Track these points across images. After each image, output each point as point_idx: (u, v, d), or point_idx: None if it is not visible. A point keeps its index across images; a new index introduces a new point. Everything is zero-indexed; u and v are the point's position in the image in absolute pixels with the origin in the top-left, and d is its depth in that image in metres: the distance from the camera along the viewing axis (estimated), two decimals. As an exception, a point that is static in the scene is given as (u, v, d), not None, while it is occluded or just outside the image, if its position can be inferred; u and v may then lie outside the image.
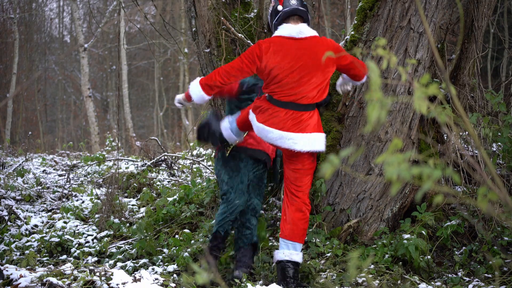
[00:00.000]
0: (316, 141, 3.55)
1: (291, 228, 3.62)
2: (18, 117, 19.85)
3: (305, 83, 3.51)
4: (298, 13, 3.63)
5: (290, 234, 3.62)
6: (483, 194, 1.36)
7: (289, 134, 3.51)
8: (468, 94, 4.61)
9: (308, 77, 3.52)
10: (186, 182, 6.34)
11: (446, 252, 4.04)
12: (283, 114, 3.54)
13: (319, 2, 5.65)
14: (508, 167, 4.29)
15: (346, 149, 4.03)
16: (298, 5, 3.65)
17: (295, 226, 3.62)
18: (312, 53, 3.52)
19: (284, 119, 3.53)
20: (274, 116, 3.55)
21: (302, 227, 3.64)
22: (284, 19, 3.63)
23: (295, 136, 3.51)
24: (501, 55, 11.96)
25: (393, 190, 1.32)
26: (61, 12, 24.30)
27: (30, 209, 5.96)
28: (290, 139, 3.50)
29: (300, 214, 3.63)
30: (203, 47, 4.80)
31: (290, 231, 3.62)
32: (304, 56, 3.52)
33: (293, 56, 3.52)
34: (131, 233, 4.90)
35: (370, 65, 1.36)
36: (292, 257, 3.58)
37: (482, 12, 4.53)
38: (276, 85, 3.55)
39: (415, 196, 4.22)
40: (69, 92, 25.46)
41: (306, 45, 3.54)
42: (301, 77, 3.52)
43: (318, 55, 3.51)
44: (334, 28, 16.13)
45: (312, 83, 3.52)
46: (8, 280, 3.15)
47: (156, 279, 3.33)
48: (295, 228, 3.62)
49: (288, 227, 3.62)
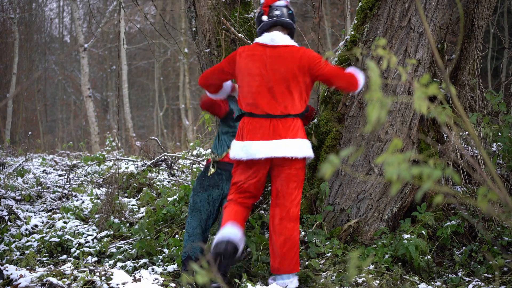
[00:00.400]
0: (286, 147, 3.41)
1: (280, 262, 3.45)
2: (18, 117, 19.86)
3: (267, 91, 3.44)
4: (280, 24, 3.60)
5: (283, 268, 3.46)
6: (483, 194, 1.36)
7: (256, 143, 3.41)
8: (468, 94, 4.61)
9: (270, 85, 3.44)
10: (186, 182, 6.34)
11: (446, 252, 4.04)
12: (251, 124, 3.47)
13: (319, 2, 5.65)
14: (508, 167, 4.29)
15: (346, 149, 4.03)
16: (282, 15, 3.60)
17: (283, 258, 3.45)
18: (279, 61, 3.45)
19: (251, 129, 3.46)
20: (245, 129, 3.50)
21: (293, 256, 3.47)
22: (266, 29, 3.61)
23: (265, 143, 3.41)
24: (501, 55, 11.96)
25: (393, 190, 1.32)
26: (61, 12, 24.31)
27: (30, 209, 5.96)
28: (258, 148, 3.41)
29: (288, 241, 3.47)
30: (203, 47, 4.80)
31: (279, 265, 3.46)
32: (271, 64, 3.45)
33: (260, 62, 3.47)
34: (131, 233, 4.90)
35: (370, 65, 1.36)
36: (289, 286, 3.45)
37: (482, 12, 4.52)
38: (240, 91, 3.56)
39: (415, 196, 4.22)
40: (69, 92, 25.46)
41: (276, 53, 3.48)
42: (261, 84, 3.45)
43: (288, 65, 3.44)
44: (334, 28, 16.12)
45: (277, 92, 3.44)
46: (8, 280, 3.15)
47: (156, 279, 3.33)
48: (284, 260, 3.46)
49: (278, 260, 3.46)
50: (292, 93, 3.47)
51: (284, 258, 3.44)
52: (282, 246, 3.44)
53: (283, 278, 3.44)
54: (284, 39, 3.55)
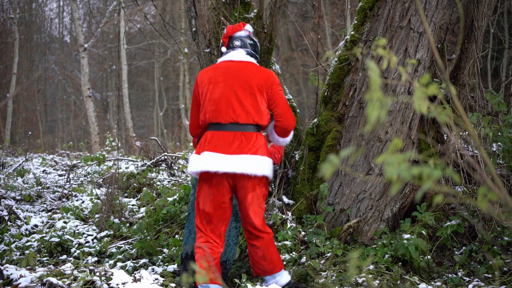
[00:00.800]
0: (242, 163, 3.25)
1: (267, 264, 3.47)
2: (18, 117, 19.86)
3: (231, 96, 3.36)
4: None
5: (270, 269, 3.48)
6: (483, 194, 1.36)
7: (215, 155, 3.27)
8: (468, 94, 4.61)
9: (234, 89, 3.36)
10: (186, 182, 6.34)
11: (446, 252, 4.04)
12: (211, 136, 3.36)
13: (319, 2, 5.65)
14: (508, 167, 4.29)
15: (346, 149, 4.03)
16: (244, 46, 3.56)
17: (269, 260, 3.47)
18: (244, 71, 3.40)
19: (212, 141, 3.34)
20: (206, 141, 3.37)
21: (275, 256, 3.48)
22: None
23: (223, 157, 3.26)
24: (501, 55, 11.96)
25: (393, 190, 1.32)
26: (61, 12, 24.30)
27: (30, 209, 5.96)
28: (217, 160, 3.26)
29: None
30: (203, 47, 4.80)
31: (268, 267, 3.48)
32: (235, 71, 3.41)
33: (223, 70, 3.42)
34: (131, 233, 4.90)
35: (370, 64, 1.36)
36: (280, 282, 3.48)
37: (482, 12, 4.52)
38: (203, 102, 3.44)
39: (415, 196, 4.22)
40: (69, 92, 25.46)
41: (240, 65, 3.44)
42: (225, 90, 3.36)
43: (249, 76, 3.38)
44: (334, 28, 16.12)
45: (242, 96, 3.35)
46: (8, 280, 3.15)
47: (156, 279, 3.33)
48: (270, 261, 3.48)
49: (265, 263, 3.46)
50: (257, 99, 3.37)
51: (267, 263, 3.46)
52: (262, 258, 3.44)
53: (274, 277, 3.49)
54: (247, 57, 3.51)
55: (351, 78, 4.28)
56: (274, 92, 3.41)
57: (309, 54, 15.79)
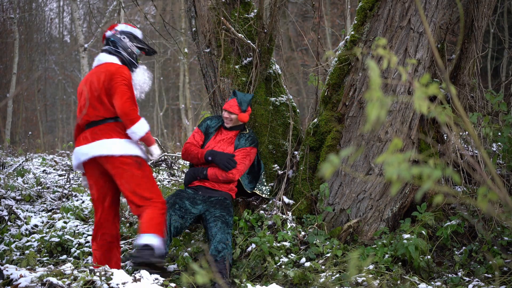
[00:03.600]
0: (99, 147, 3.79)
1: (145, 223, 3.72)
2: (18, 117, 19.85)
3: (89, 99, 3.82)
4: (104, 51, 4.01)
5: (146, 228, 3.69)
6: (483, 194, 1.36)
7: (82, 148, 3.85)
8: (468, 94, 4.61)
9: (89, 96, 3.83)
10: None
11: (446, 252, 4.04)
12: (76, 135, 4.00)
13: (319, 2, 5.65)
14: (508, 167, 4.29)
15: (346, 149, 4.03)
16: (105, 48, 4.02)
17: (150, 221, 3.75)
18: (96, 76, 3.84)
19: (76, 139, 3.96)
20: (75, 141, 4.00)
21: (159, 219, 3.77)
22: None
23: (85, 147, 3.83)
24: (501, 55, 11.96)
25: (393, 190, 1.32)
26: (61, 12, 24.30)
27: (30, 209, 5.96)
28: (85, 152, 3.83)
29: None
30: (203, 47, 4.80)
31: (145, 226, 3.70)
32: (90, 78, 3.87)
33: (85, 80, 3.92)
34: (131, 233, 4.90)
35: (370, 64, 1.36)
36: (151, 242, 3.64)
37: (482, 12, 4.52)
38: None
39: (415, 196, 4.22)
40: (69, 92, 25.45)
41: (97, 69, 3.91)
42: (87, 97, 3.84)
43: (100, 77, 3.81)
44: (334, 28, 16.12)
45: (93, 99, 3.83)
46: (8, 280, 3.15)
47: (156, 279, 3.33)
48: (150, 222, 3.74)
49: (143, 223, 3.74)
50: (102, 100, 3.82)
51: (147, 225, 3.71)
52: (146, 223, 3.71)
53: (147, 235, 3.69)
54: (108, 58, 3.93)
55: (351, 78, 4.28)
56: (111, 86, 3.81)
57: (309, 54, 15.79)
